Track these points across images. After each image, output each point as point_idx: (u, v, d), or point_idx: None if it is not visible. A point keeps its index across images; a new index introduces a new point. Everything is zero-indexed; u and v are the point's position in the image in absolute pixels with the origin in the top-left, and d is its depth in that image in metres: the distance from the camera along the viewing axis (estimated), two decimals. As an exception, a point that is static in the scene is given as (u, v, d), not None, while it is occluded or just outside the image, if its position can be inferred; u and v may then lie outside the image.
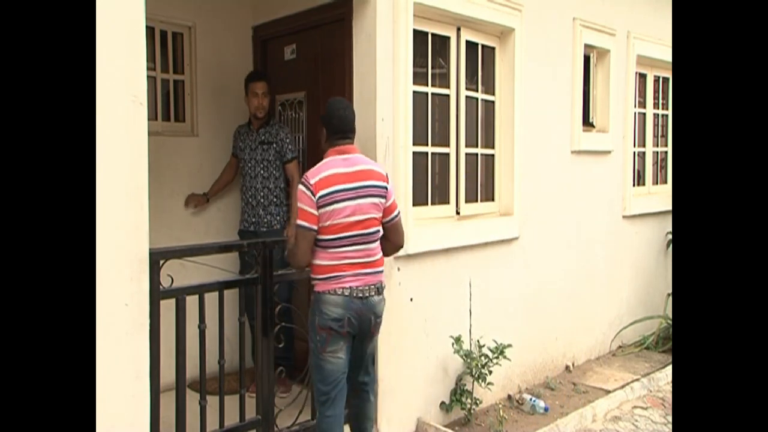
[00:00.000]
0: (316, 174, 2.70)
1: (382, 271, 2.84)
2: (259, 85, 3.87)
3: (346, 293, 2.72)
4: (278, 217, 3.90)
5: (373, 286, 2.79)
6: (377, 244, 2.81)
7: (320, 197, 2.66)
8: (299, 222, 2.69)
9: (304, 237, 2.69)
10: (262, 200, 3.90)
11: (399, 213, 2.89)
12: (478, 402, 3.84)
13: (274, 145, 3.88)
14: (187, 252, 2.83)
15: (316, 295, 2.75)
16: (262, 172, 3.90)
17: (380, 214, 2.79)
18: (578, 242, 4.85)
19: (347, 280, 2.73)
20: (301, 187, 2.70)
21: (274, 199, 3.91)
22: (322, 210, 2.67)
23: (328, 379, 2.76)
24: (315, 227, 2.68)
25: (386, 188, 2.80)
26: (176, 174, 4.05)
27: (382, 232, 2.83)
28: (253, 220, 3.91)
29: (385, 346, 3.40)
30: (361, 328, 2.78)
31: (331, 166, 2.74)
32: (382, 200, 2.78)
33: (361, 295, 2.74)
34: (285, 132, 3.90)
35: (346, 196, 2.69)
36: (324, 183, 2.68)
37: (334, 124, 2.79)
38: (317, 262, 2.74)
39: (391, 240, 2.89)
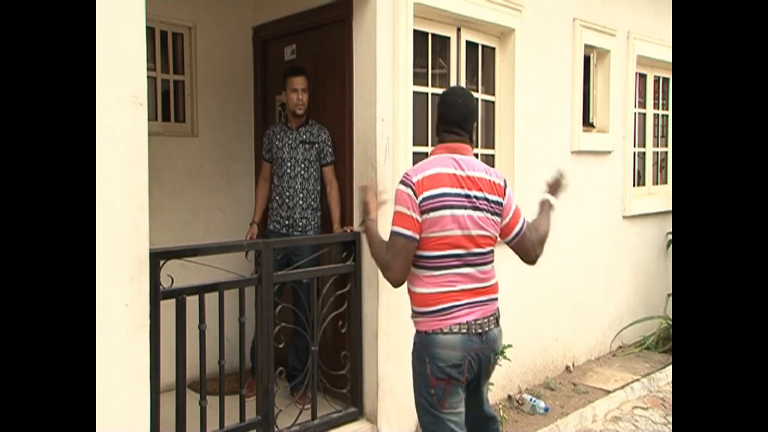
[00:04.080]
0: (418, 171, 2.22)
1: (497, 299, 2.36)
2: (298, 80, 3.65)
3: (464, 330, 2.20)
4: (313, 222, 3.73)
5: (492, 317, 2.29)
6: (492, 266, 2.34)
7: (424, 200, 2.17)
8: (395, 228, 2.19)
9: (403, 248, 2.18)
10: (300, 202, 3.70)
11: (523, 228, 2.39)
12: (478, 402, 3.84)
13: (316, 146, 3.68)
14: (187, 252, 2.83)
15: (422, 336, 2.25)
16: (302, 172, 3.70)
17: (496, 233, 2.33)
18: (578, 242, 4.84)
19: (462, 312, 2.21)
20: (400, 186, 2.21)
21: (312, 203, 3.72)
22: (425, 216, 2.18)
23: None
24: (416, 236, 2.18)
25: (502, 204, 2.32)
26: (176, 174, 4.05)
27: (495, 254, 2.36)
28: (287, 222, 3.72)
29: (385, 346, 3.40)
30: (480, 371, 2.30)
31: (437, 164, 2.24)
32: (498, 218, 2.31)
33: (480, 330, 2.23)
34: (327, 134, 3.70)
35: (457, 202, 2.21)
36: (428, 183, 2.19)
37: (443, 114, 2.32)
38: (419, 289, 2.26)
39: (523, 260, 2.44)
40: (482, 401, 2.48)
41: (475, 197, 2.24)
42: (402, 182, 2.24)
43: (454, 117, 2.31)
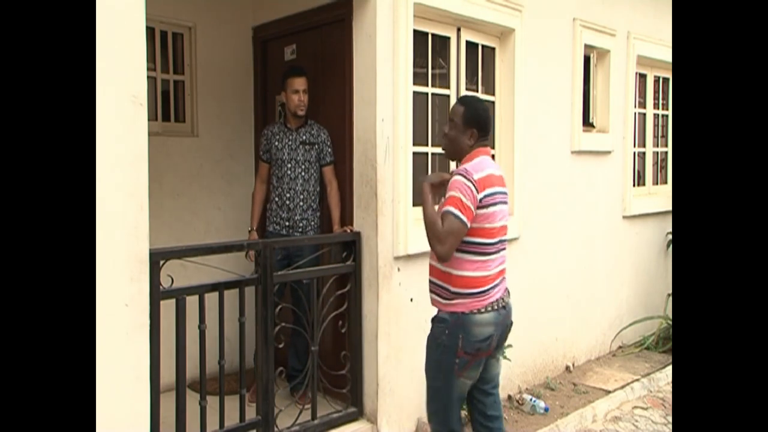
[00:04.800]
0: (477, 170, 2.49)
1: None
2: (299, 81, 3.62)
3: (495, 307, 2.50)
4: (313, 222, 3.72)
5: (506, 291, 2.62)
6: None
7: (484, 197, 2.46)
8: (456, 212, 2.40)
9: (458, 230, 2.42)
10: (301, 203, 3.68)
11: None
12: (478, 402, 3.84)
13: (316, 146, 3.66)
14: (187, 252, 2.83)
15: (459, 316, 2.48)
16: (303, 173, 3.67)
17: None
18: (578, 242, 4.84)
19: (494, 292, 2.51)
20: (461, 179, 2.45)
21: (312, 204, 3.71)
22: (481, 211, 2.46)
23: (456, 403, 2.56)
24: (469, 225, 2.44)
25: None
26: (176, 174, 4.05)
27: None
28: (287, 224, 3.68)
29: (385, 346, 3.40)
30: (500, 340, 2.60)
31: (488, 165, 2.55)
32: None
33: (503, 304, 2.55)
34: (326, 134, 3.68)
35: (500, 199, 2.54)
36: (486, 182, 2.48)
37: (484, 123, 2.61)
38: (465, 273, 2.49)
39: None
40: (493, 393, 2.69)
41: (503, 193, 2.61)
42: (464, 176, 2.47)
43: (490, 127, 2.72)
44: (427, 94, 3.75)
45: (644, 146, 5.80)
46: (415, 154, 3.56)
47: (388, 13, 3.36)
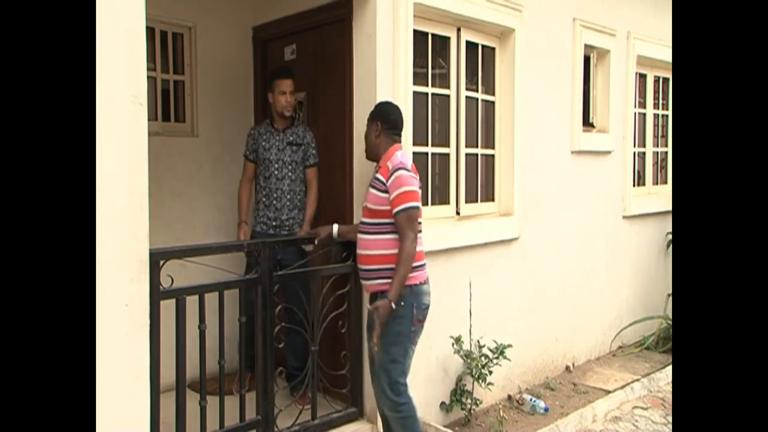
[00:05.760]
0: (406, 159, 2.93)
1: None
2: (286, 82, 3.67)
3: (428, 281, 2.97)
4: (298, 221, 3.76)
5: None
6: None
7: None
8: (415, 203, 2.82)
9: (417, 215, 2.86)
10: (287, 203, 3.73)
11: None
12: (478, 402, 3.84)
13: (302, 147, 3.74)
14: (187, 252, 2.83)
15: (411, 288, 2.86)
16: (290, 174, 3.73)
17: None
18: (578, 242, 4.85)
19: (426, 267, 2.95)
20: (404, 172, 2.85)
21: (298, 203, 3.76)
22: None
23: (407, 367, 2.94)
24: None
25: None
26: (176, 174, 4.05)
27: None
28: (275, 223, 3.74)
29: (385, 346, 3.40)
30: None
31: (408, 157, 2.99)
32: None
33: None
34: (311, 135, 3.75)
35: (420, 185, 2.96)
36: (414, 167, 2.94)
37: (394, 120, 3.03)
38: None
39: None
40: None
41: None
42: (404, 169, 2.86)
43: (397, 121, 3.05)
44: (427, 94, 3.75)
45: (644, 146, 5.80)
46: (415, 153, 3.56)
47: (388, 13, 3.36)
